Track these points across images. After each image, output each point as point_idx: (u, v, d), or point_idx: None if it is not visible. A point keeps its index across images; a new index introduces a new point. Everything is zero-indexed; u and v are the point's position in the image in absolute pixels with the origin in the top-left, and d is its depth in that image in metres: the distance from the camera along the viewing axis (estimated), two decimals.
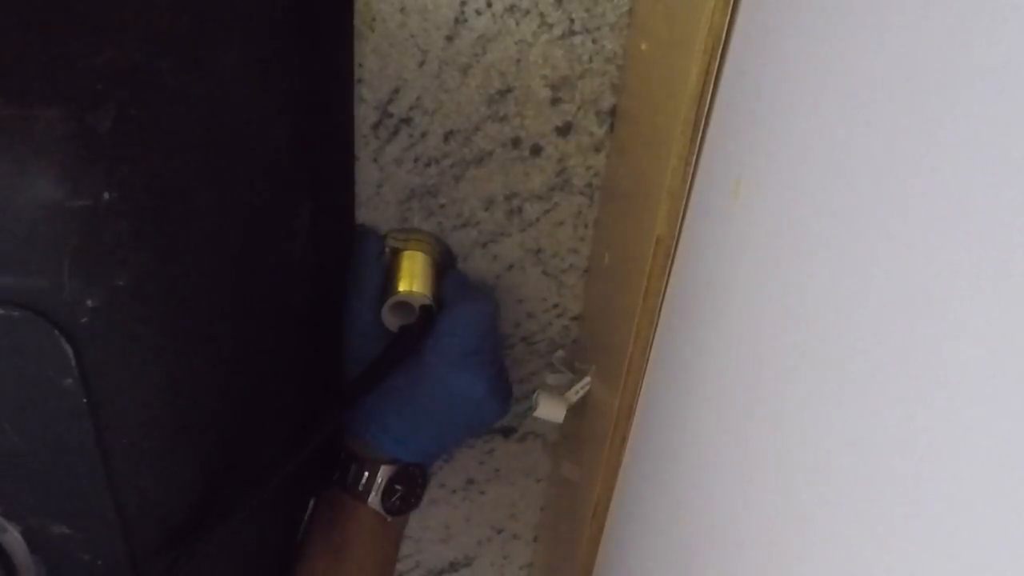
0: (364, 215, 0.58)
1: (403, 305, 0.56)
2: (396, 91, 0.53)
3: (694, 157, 0.41)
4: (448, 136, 0.55)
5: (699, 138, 0.41)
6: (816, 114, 0.30)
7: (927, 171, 0.23)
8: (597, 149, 0.56)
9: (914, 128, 0.24)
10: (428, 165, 0.56)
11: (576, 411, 0.60)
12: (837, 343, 0.28)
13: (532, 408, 0.60)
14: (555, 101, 0.54)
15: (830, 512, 0.28)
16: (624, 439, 0.53)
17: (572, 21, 0.51)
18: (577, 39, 0.52)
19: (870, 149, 0.26)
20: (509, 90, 0.53)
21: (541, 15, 0.51)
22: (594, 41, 0.52)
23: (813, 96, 0.31)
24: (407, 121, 0.54)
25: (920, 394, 0.23)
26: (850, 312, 0.27)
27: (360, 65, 0.52)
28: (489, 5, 0.50)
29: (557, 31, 0.52)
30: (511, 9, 0.51)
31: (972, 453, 0.21)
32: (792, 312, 0.32)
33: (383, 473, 0.56)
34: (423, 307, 0.55)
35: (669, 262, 0.45)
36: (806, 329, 0.30)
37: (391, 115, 0.54)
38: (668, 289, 0.46)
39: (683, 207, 0.43)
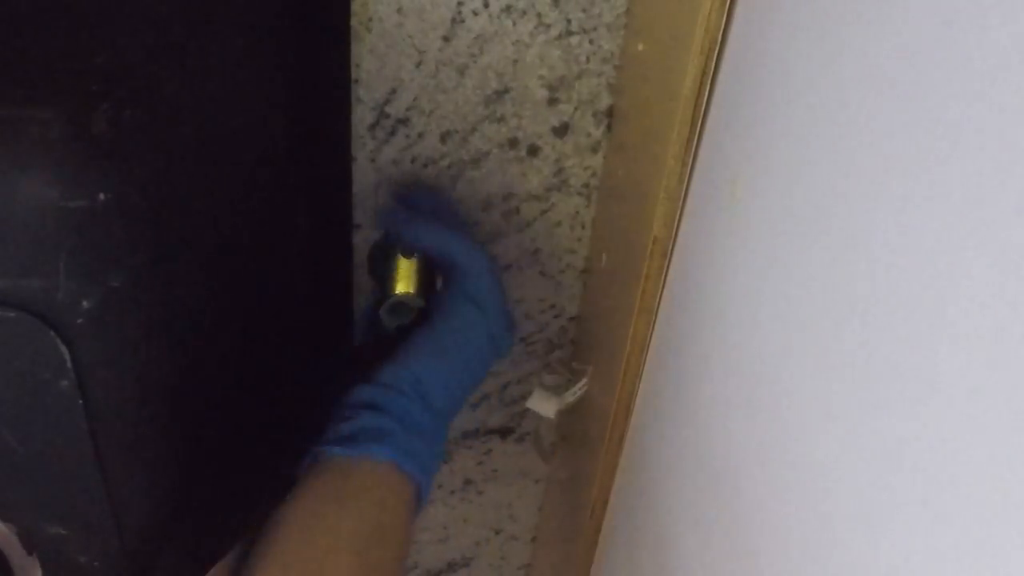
0: (361, 216, 0.58)
1: (401, 306, 0.56)
2: (393, 92, 0.53)
3: (691, 158, 0.41)
4: (445, 137, 0.55)
5: (696, 139, 0.41)
6: (812, 115, 0.30)
7: (924, 170, 0.23)
8: (594, 150, 0.56)
9: (910, 128, 0.24)
10: (425, 166, 0.56)
11: (574, 412, 0.60)
12: (834, 342, 0.28)
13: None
14: (552, 101, 0.54)
15: (825, 509, 0.28)
16: (621, 439, 0.53)
17: (569, 22, 0.51)
18: (574, 39, 0.52)
19: (866, 149, 0.26)
20: (506, 91, 0.53)
21: (538, 15, 0.51)
22: (591, 42, 0.52)
23: (809, 97, 0.31)
24: (404, 122, 0.54)
25: (916, 392, 0.23)
26: (847, 311, 0.27)
27: (357, 66, 0.52)
28: (486, 6, 0.50)
29: (554, 31, 0.52)
30: (508, 10, 0.51)
31: (970, 451, 0.21)
32: (789, 311, 0.32)
33: None
34: (421, 309, 0.55)
35: (666, 263, 0.45)
36: (803, 328, 0.30)
37: (388, 116, 0.54)
38: (665, 289, 0.46)
39: (680, 208, 0.43)
